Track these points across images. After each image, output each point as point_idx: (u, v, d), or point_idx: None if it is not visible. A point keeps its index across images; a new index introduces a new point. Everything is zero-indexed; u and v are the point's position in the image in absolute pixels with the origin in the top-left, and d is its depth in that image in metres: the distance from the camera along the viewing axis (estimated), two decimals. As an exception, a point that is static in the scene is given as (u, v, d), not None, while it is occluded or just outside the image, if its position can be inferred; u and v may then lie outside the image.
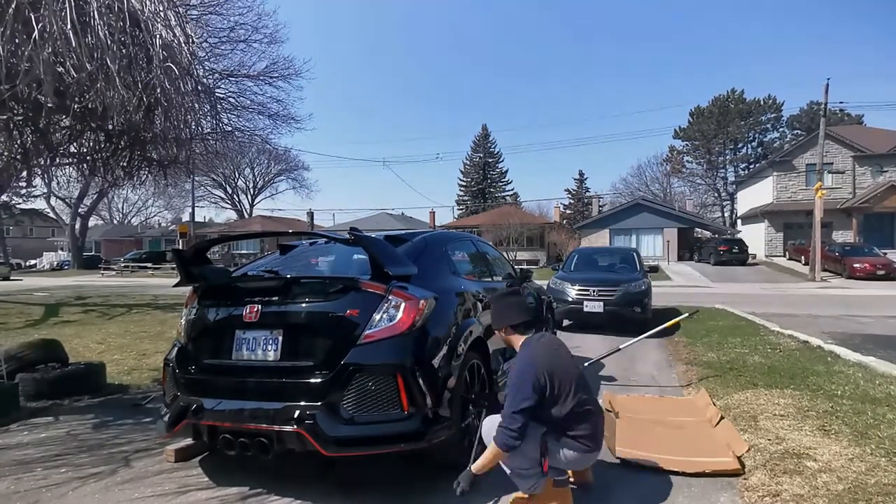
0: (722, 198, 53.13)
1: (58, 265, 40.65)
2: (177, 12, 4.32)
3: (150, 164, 5.61)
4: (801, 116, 49.88)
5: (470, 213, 52.47)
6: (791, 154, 31.45)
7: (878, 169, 28.70)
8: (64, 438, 3.73)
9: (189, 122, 4.79)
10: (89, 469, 3.15)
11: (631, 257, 10.08)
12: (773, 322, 8.42)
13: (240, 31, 12.91)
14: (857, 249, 22.18)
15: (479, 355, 3.32)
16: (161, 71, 3.90)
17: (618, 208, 35.58)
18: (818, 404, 3.95)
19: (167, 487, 2.87)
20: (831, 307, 11.81)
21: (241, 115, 14.08)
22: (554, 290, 8.58)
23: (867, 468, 2.83)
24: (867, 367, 5.18)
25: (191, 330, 3.10)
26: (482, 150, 58.52)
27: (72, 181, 10.49)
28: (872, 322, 9.41)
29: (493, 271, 4.59)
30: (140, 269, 33.24)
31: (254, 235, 4.15)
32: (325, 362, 2.65)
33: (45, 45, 3.36)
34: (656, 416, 3.90)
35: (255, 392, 2.74)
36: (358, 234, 3.00)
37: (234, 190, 50.22)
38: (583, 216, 45.41)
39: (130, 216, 60.21)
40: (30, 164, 4.89)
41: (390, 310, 2.74)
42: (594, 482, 2.81)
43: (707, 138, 51.02)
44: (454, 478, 2.96)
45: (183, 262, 3.27)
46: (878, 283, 18.47)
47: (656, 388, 4.98)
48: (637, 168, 59.60)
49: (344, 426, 2.56)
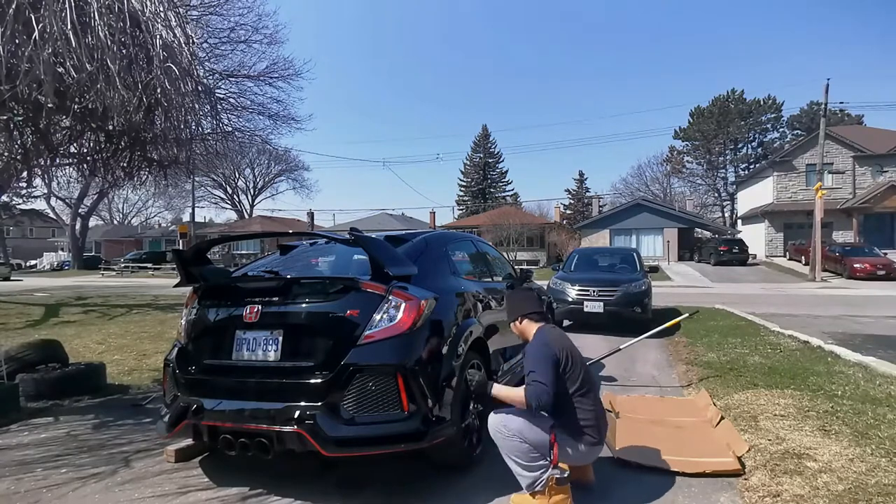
0: (722, 198, 53.13)
1: (58, 265, 40.67)
2: (177, 13, 4.32)
3: (150, 165, 5.60)
4: (801, 116, 49.89)
5: (470, 213, 52.48)
6: (791, 154, 31.46)
7: (878, 169, 28.71)
8: (64, 439, 3.73)
9: (189, 122, 4.79)
10: (90, 469, 3.15)
11: (631, 257, 10.08)
12: (774, 322, 8.42)
13: (240, 31, 12.96)
14: (858, 249, 22.19)
15: (480, 355, 3.32)
16: (161, 71, 3.89)
17: (618, 208, 35.58)
18: (818, 404, 3.95)
19: (167, 488, 2.88)
20: (832, 307, 11.81)
21: (241, 116, 14.13)
22: (554, 290, 8.58)
23: (867, 468, 2.83)
24: (867, 367, 5.18)
25: (191, 330, 3.10)
26: (482, 150, 58.53)
27: (72, 181, 10.52)
28: (873, 322, 9.40)
29: (493, 271, 4.59)
30: (140, 270, 33.27)
31: (254, 236, 4.15)
32: (326, 362, 2.65)
33: (45, 45, 3.36)
34: (656, 417, 3.90)
35: (256, 392, 2.74)
36: (358, 234, 3.00)
37: (234, 190, 50.25)
38: (583, 216, 45.41)
39: (130, 216, 60.33)
40: (30, 164, 4.89)
41: (390, 310, 2.74)
42: (594, 481, 2.81)
43: (707, 138, 51.02)
44: (454, 478, 2.97)
45: (183, 263, 3.27)
46: (878, 283, 18.47)
47: (656, 388, 4.98)
48: (637, 168, 59.79)
49: (344, 426, 2.56)
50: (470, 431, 3.08)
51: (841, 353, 5.86)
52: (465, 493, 2.80)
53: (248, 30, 13.30)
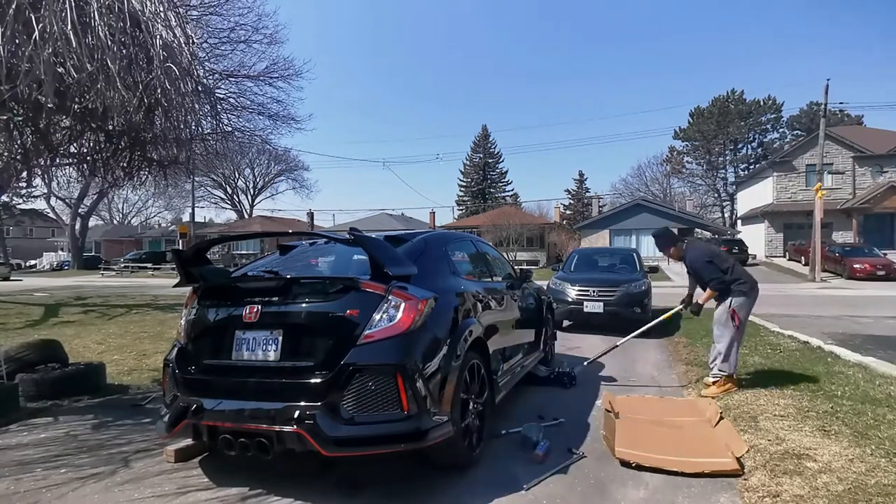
0: (722, 198, 53.13)
1: (58, 265, 40.64)
2: (177, 13, 4.32)
3: (150, 165, 5.60)
4: (800, 117, 49.90)
5: (470, 213, 52.46)
6: (791, 154, 31.46)
7: (878, 169, 28.71)
8: (64, 439, 3.73)
9: (189, 122, 4.78)
10: (89, 469, 3.14)
11: (631, 258, 10.07)
12: (773, 322, 8.42)
13: (240, 31, 12.97)
14: (857, 250, 22.18)
15: (480, 355, 3.32)
16: (161, 71, 3.89)
17: (618, 209, 35.57)
18: (818, 405, 3.95)
19: (167, 488, 2.87)
20: (831, 307, 11.81)
21: (241, 116, 14.13)
22: (554, 290, 8.58)
23: (867, 469, 2.83)
24: (867, 367, 5.18)
25: (191, 330, 3.10)
26: (482, 150, 58.53)
27: (72, 181, 10.51)
28: (872, 322, 9.41)
29: (492, 271, 4.59)
30: (140, 270, 33.25)
31: (254, 235, 4.15)
32: (325, 362, 2.65)
33: (45, 45, 3.35)
34: (657, 417, 3.90)
35: (255, 392, 2.74)
36: (357, 234, 3.00)
37: (234, 190, 50.23)
38: (583, 216, 45.41)
39: (130, 216, 60.30)
40: (30, 164, 4.88)
41: (390, 310, 2.74)
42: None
43: (707, 139, 51.03)
44: (454, 479, 2.98)
45: (183, 263, 3.28)
46: (878, 284, 18.47)
47: (656, 388, 4.98)
48: (637, 168, 59.71)
49: (344, 426, 2.56)
50: (470, 431, 3.08)
51: (841, 354, 5.86)
52: (464, 494, 2.80)
53: (248, 30, 13.31)
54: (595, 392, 4.82)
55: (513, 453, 3.32)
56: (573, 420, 3.98)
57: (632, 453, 3.14)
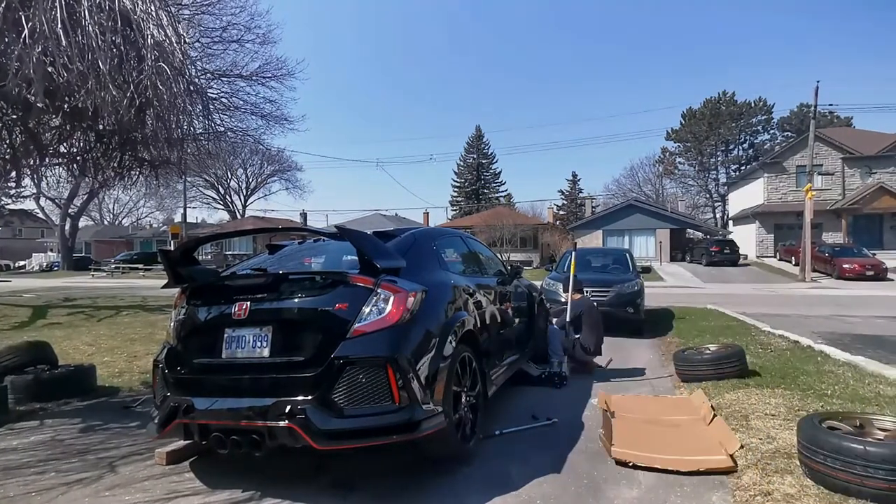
0: (713, 199, 53.53)
1: (47, 266, 40.16)
2: (169, 12, 4.28)
3: (141, 165, 5.54)
4: (791, 118, 50.39)
5: (464, 214, 52.47)
6: (781, 156, 31.76)
7: (867, 171, 29.04)
8: (52, 443, 3.68)
9: (181, 122, 4.74)
10: (77, 475, 3.10)
11: (623, 258, 10.12)
12: (764, 322, 8.49)
13: (232, 31, 12.83)
14: (847, 250, 22.43)
15: (471, 348, 3.32)
16: (153, 71, 3.86)
17: (611, 209, 35.73)
18: (809, 404, 3.98)
19: (156, 493, 2.84)
20: (821, 307, 11.93)
21: (233, 116, 13.98)
22: (547, 290, 8.57)
23: (857, 467, 2.85)
24: (856, 366, 5.23)
25: (180, 330, 3.08)
26: (476, 151, 58.58)
27: (62, 181, 10.41)
28: (861, 322, 9.51)
29: (483, 267, 4.59)
30: (131, 271, 32.97)
31: (243, 233, 4.14)
32: (316, 357, 2.64)
33: (35, 44, 3.32)
34: (651, 416, 3.91)
35: (246, 389, 2.73)
36: (343, 228, 3.01)
37: (226, 190, 49.94)
38: (576, 217, 45.58)
39: (121, 217, 59.81)
40: (19, 164, 4.82)
41: (379, 303, 2.74)
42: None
43: (699, 140, 51.42)
44: (449, 477, 2.97)
45: (171, 264, 3.25)
46: (866, 284, 18.70)
47: (649, 388, 5.01)
48: (630, 169, 59.76)
49: (335, 419, 2.55)
50: (462, 423, 3.08)
51: (830, 353, 5.91)
52: (460, 493, 2.79)
53: (240, 29, 13.18)
54: (587, 392, 4.84)
55: (506, 453, 3.32)
56: (566, 420, 3.99)
57: (628, 453, 3.15)
